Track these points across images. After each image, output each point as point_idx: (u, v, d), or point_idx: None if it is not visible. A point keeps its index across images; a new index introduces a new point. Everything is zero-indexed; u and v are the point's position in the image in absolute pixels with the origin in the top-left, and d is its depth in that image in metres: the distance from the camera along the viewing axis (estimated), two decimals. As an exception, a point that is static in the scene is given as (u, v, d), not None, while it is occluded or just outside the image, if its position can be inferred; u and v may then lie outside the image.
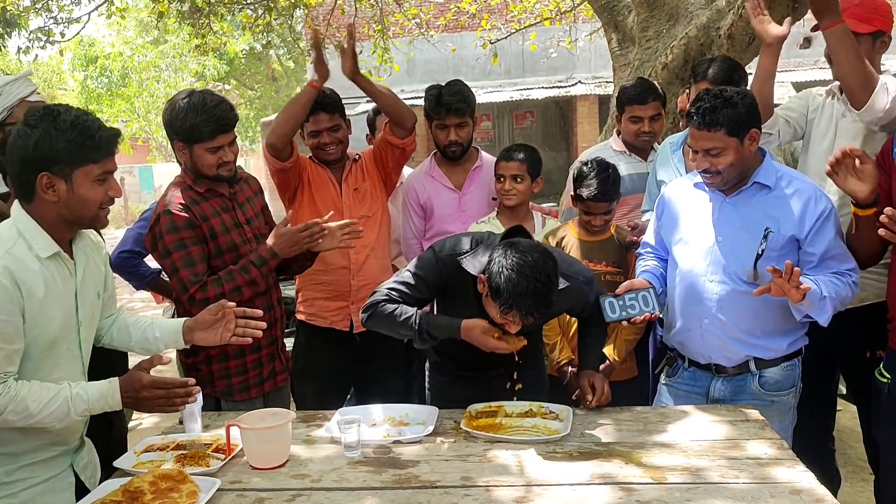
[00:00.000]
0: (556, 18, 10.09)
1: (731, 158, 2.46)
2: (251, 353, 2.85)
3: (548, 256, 2.29)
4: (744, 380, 2.62)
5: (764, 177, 2.54)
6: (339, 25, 10.56)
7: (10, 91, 2.75)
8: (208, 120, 2.68)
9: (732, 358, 2.60)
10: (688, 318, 2.65)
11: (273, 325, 2.92)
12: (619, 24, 5.56)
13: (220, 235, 2.77)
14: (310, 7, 9.27)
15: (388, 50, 9.51)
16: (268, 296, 2.90)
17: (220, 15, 9.13)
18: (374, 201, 3.42)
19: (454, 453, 2.28)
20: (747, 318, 2.55)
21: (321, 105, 3.29)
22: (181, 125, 2.69)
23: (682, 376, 2.74)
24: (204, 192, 2.79)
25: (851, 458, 3.84)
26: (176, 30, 16.06)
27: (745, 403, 2.58)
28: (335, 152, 3.36)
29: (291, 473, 2.20)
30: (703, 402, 2.67)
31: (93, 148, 1.99)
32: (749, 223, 2.53)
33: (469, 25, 11.56)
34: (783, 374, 2.60)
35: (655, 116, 3.48)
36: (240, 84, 24.41)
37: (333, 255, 3.25)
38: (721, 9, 4.33)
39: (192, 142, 2.71)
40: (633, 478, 2.05)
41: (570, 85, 14.61)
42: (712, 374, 2.66)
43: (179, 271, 2.69)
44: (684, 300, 2.65)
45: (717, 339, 2.59)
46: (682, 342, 2.70)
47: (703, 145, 2.47)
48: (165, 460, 2.29)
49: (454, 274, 2.52)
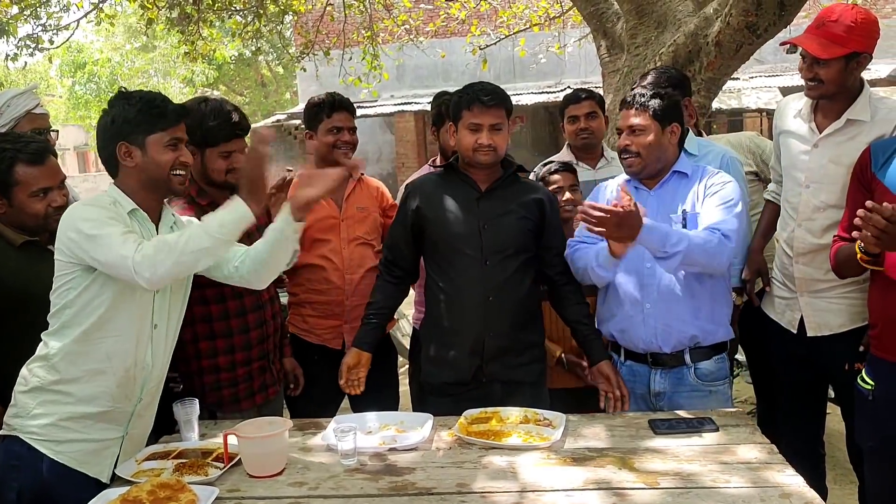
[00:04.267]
0: (545, 24, 10.14)
1: (650, 139, 2.69)
2: (242, 366, 2.86)
3: None
4: (680, 372, 2.73)
5: (682, 166, 2.78)
6: (328, 32, 10.61)
7: (17, 103, 2.88)
8: (227, 123, 2.76)
9: (673, 342, 2.71)
10: (630, 304, 2.75)
11: (265, 339, 2.93)
12: (607, 30, 5.61)
13: None
14: (299, 13, 9.30)
15: (377, 56, 9.53)
16: (261, 311, 2.90)
17: (210, 21, 9.14)
18: (374, 229, 3.41)
19: (450, 460, 2.31)
20: (687, 300, 2.69)
21: (343, 104, 3.35)
22: (198, 128, 2.72)
23: (621, 371, 2.80)
24: (206, 206, 2.79)
25: (840, 460, 3.86)
26: (165, 36, 16.05)
27: (686, 395, 2.70)
28: (349, 154, 3.37)
29: (289, 481, 2.23)
30: (647, 396, 2.76)
31: (159, 116, 2.28)
32: (670, 209, 2.72)
33: (459, 31, 11.57)
34: (716, 366, 2.75)
35: (590, 114, 3.63)
36: (229, 90, 24.39)
37: (329, 275, 3.29)
38: (709, 17, 4.37)
39: (206, 145, 2.75)
40: (627, 483, 2.08)
41: (559, 90, 14.63)
42: (649, 367, 2.75)
43: None
44: (624, 290, 2.76)
45: (659, 323, 2.70)
46: (622, 329, 2.79)
47: (628, 122, 2.72)
48: (166, 468, 2.31)
49: (423, 190, 2.85)
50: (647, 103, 2.71)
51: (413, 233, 2.85)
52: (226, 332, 2.82)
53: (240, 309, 2.84)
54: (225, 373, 2.83)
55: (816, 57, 2.63)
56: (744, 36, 4.09)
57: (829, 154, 2.75)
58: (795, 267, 2.86)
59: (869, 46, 2.63)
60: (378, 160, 15.83)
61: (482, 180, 2.79)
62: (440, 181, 2.87)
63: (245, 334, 2.85)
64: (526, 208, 2.78)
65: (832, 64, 2.62)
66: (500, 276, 2.74)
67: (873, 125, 2.69)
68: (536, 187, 2.91)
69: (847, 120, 2.72)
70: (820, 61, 2.64)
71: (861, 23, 2.60)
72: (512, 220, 2.76)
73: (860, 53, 2.62)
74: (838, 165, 2.70)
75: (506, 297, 2.75)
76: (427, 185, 2.88)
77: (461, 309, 2.77)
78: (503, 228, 2.75)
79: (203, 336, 2.80)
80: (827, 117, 2.78)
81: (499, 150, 2.71)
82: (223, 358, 2.82)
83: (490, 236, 2.74)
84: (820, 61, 2.64)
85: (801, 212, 2.82)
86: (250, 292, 2.85)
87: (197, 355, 2.80)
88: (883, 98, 2.78)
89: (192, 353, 2.78)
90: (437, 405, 2.77)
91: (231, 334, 2.82)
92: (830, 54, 2.60)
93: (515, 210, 2.77)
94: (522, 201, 2.79)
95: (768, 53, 11.84)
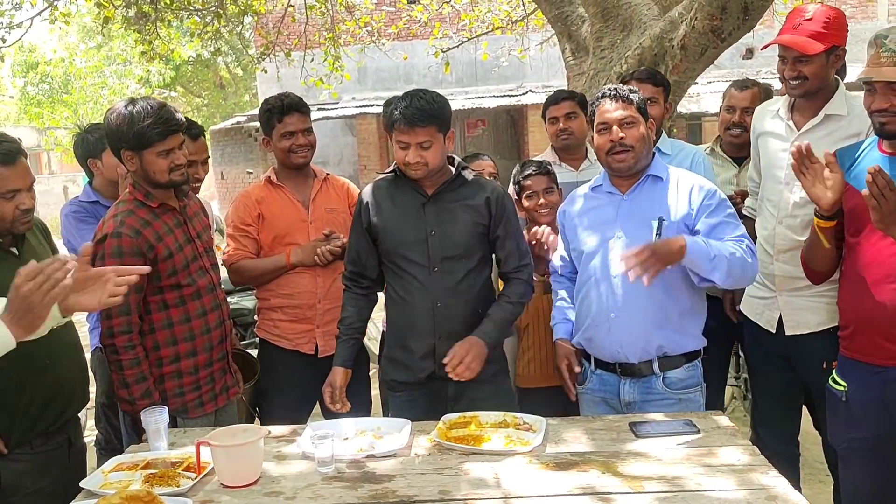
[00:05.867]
0: (508, 28, 10.17)
1: (642, 131, 2.63)
2: (204, 368, 2.80)
3: None
4: (649, 381, 2.69)
5: (656, 169, 2.71)
6: (289, 33, 10.48)
7: None
8: (157, 122, 2.61)
9: (639, 353, 2.67)
10: (596, 313, 2.71)
11: (224, 339, 2.89)
12: (572, 34, 5.61)
13: (176, 254, 2.70)
14: (260, 14, 9.17)
15: (338, 58, 9.45)
16: (219, 310, 2.86)
17: (168, 21, 8.97)
18: (344, 229, 3.26)
19: (430, 466, 2.26)
20: (653, 311, 2.63)
21: (296, 106, 3.26)
22: (129, 131, 2.62)
23: (591, 381, 2.80)
24: (156, 209, 2.72)
25: (808, 459, 3.91)
26: (120, 35, 15.75)
27: (656, 404, 2.66)
28: (307, 156, 3.31)
29: (265, 491, 2.16)
30: (617, 405, 2.73)
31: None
32: (646, 216, 2.63)
33: (421, 34, 11.59)
34: (686, 374, 2.70)
35: (569, 114, 3.62)
36: (186, 91, 24.04)
37: (300, 279, 3.24)
38: (674, 20, 4.39)
39: (142, 148, 2.64)
40: (612, 487, 2.06)
41: (521, 94, 14.74)
42: (618, 377, 2.72)
43: (112, 318, 2.62)
44: (592, 297, 2.72)
45: (625, 334, 2.66)
46: (590, 338, 2.76)
47: (617, 115, 2.63)
48: (134, 480, 2.22)
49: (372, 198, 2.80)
50: (631, 96, 2.66)
51: (371, 240, 2.81)
52: (188, 336, 2.75)
53: (200, 310, 2.78)
54: (188, 377, 2.77)
55: (803, 53, 2.68)
56: (709, 39, 4.13)
57: None
58: (776, 265, 2.89)
59: (844, 40, 2.75)
60: (339, 163, 15.71)
61: (428, 185, 2.73)
62: (389, 187, 2.81)
63: (206, 335, 2.79)
64: (474, 210, 2.73)
65: (816, 59, 2.69)
66: (449, 282, 2.71)
67: (851, 120, 2.76)
68: (485, 185, 2.80)
69: (825, 115, 2.79)
70: (804, 58, 2.70)
71: (835, 18, 2.72)
72: (460, 225, 2.71)
73: (838, 47, 2.72)
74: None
75: (456, 302, 2.73)
76: (376, 192, 2.82)
77: (412, 315, 2.77)
78: (451, 233, 2.70)
79: (165, 343, 2.73)
80: (804, 115, 2.85)
81: (430, 164, 2.64)
82: (186, 362, 2.76)
83: (437, 242, 2.70)
84: (804, 58, 2.70)
85: (782, 209, 2.86)
86: (208, 292, 2.81)
87: (158, 363, 2.72)
88: (857, 95, 2.83)
89: (153, 360, 2.71)
90: (395, 401, 2.85)
91: (193, 337, 2.76)
92: (816, 50, 2.67)
93: (463, 213, 2.72)
94: (470, 203, 2.74)
95: (725, 59, 12.01)
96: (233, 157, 16.72)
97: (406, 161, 2.63)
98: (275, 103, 3.29)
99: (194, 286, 2.76)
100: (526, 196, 3.22)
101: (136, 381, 2.64)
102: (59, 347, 2.54)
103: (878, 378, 2.45)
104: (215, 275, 2.90)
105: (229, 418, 2.90)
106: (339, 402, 2.77)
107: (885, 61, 2.31)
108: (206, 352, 2.80)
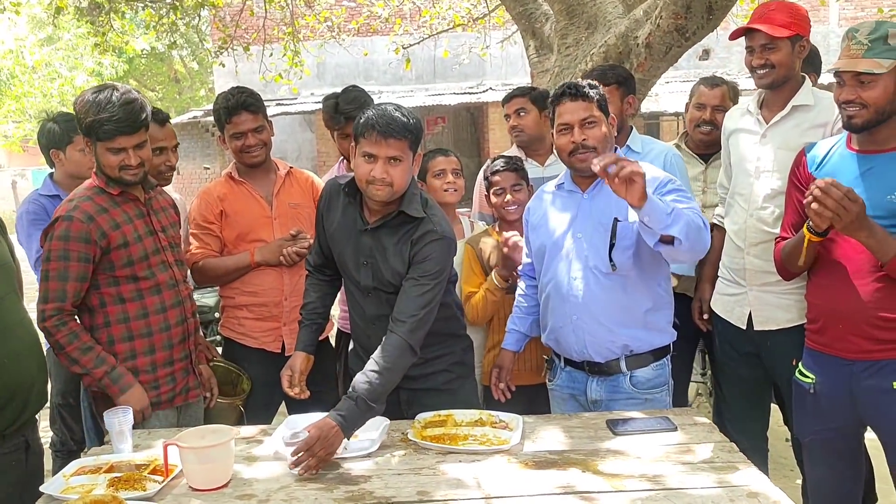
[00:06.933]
0: (468, 25, 10.14)
1: (604, 130, 2.59)
2: (163, 367, 2.71)
3: None
4: (616, 380, 2.67)
5: None
6: (247, 27, 10.33)
7: None
8: (109, 119, 2.51)
9: (604, 352, 2.65)
10: (558, 315, 2.70)
11: (186, 338, 2.80)
12: (536, 31, 5.60)
13: (133, 244, 2.61)
14: (217, 7, 9.01)
15: (298, 53, 9.32)
16: (181, 307, 2.77)
17: (122, 13, 8.76)
18: (309, 224, 3.18)
19: (406, 466, 2.22)
20: (615, 310, 2.61)
21: (244, 105, 3.16)
22: (83, 120, 2.55)
23: (560, 378, 2.79)
24: (117, 196, 2.63)
25: (773, 455, 3.94)
26: (72, 26, 15.35)
27: (622, 403, 2.64)
28: (260, 154, 3.23)
29: (236, 494, 2.09)
30: (584, 402, 2.72)
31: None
32: (604, 216, 2.60)
33: (381, 30, 11.47)
34: (654, 374, 2.68)
35: (519, 111, 3.62)
36: (140, 84, 23.52)
37: (265, 277, 3.18)
38: (639, 18, 4.40)
39: (93, 139, 2.57)
40: (593, 486, 2.03)
41: (481, 91, 14.72)
42: (587, 374, 2.71)
43: (49, 281, 2.55)
44: (554, 299, 2.70)
45: (587, 335, 2.64)
46: (556, 339, 2.75)
47: (579, 115, 2.56)
48: (97, 484, 2.14)
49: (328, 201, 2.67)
50: (590, 93, 2.58)
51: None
52: (144, 332, 2.67)
53: (159, 306, 2.69)
54: (145, 374, 2.67)
55: (770, 37, 2.79)
56: (673, 38, 4.14)
57: (777, 141, 2.88)
58: (747, 259, 2.91)
59: (808, 32, 2.86)
60: (298, 158, 15.50)
61: (373, 212, 2.56)
62: (341, 197, 2.64)
63: (166, 332, 2.71)
64: (401, 252, 2.53)
65: (782, 46, 2.81)
66: (381, 310, 2.58)
67: (818, 111, 2.84)
68: (419, 225, 2.52)
69: (793, 107, 2.87)
70: (770, 45, 2.80)
71: (797, 10, 2.86)
72: (390, 263, 2.54)
73: (802, 37, 2.83)
74: (788, 151, 2.80)
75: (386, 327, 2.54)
76: (332, 198, 2.67)
77: (356, 327, 2.75)
78: (381, 270, 2.56)
79: (120, 338, 2.64)
80: (772, 110, 2.92)
81: (395, 184, 2.42)
82: (142, 359, 2.67)
83: (367, 274, 2.58)
84: (770, 45, 2.80)
85: (752, 201, 2.89)
86: (169, 287, 2.72)
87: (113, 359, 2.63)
88: (823, 89, 2.96)
89: None
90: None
91: (150, 334, 2.68)
92: (782, 34, 2.78)
93: (393, 252, 2.54)
94: (399, 244, 2.54)
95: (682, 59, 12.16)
96: (189, 152, 16.40)
97: (371, 177, 2.40)
98: (223, 103, 3.21)
99: (153, 280, 2.67)
100: (494, 192, 3.18)
101: (82, 353, 2.56)
102: (18, 346, 2.44)
103: (845, 371, 2.48)
104: (179, 271, 2.80)
105: (194, 421, 2.81)
106: (298, 386, 2.65)
107: (855, 53, 2.38)
108: (166, 350, 2.71)
